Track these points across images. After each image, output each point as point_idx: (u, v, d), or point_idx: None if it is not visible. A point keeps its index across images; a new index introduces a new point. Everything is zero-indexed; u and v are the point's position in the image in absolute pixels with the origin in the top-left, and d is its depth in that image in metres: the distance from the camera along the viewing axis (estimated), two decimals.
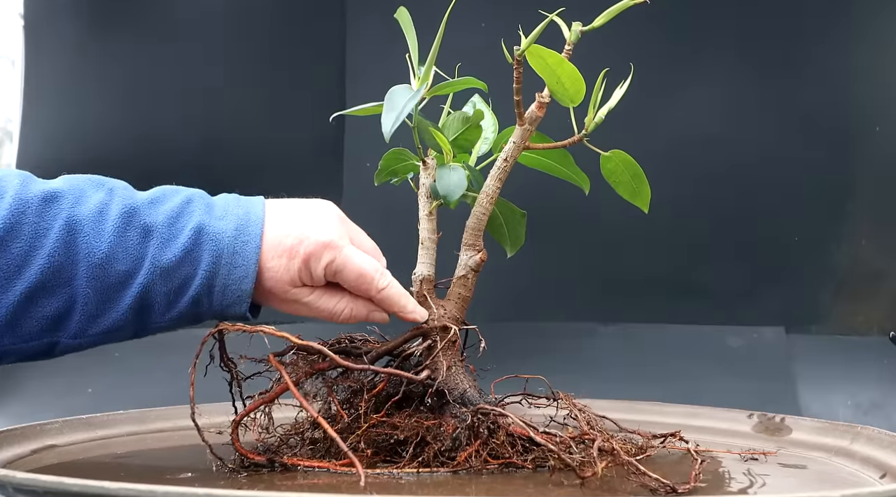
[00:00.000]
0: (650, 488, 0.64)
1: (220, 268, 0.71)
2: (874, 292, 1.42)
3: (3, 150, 3.04)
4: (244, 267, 0.72)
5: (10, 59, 1.68)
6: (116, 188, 0.73)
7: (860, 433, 0.84)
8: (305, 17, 1.48)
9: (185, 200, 0.73)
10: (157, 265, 0.70)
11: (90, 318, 0.71)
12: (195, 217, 0.72)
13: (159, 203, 0.73)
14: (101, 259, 0.69)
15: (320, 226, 0.74)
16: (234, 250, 0.72)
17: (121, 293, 0.70)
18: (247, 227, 0.73)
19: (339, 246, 0.74)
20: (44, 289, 0.69)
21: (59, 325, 0.71)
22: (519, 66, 0.72)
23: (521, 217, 0.85)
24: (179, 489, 0.51)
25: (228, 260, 0.71)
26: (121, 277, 0.70)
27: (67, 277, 0.69)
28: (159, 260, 0.70)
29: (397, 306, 0.77)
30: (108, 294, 0.70)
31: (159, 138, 1.46)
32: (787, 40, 1.42)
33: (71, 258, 0.69)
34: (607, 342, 1.43)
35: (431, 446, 0.72)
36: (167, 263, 0.70)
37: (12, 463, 0.76)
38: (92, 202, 0.71)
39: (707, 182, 1.43)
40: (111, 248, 0.70)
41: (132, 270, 0.70)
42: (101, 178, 0.74)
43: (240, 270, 0.72)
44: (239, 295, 0.72)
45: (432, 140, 0.79)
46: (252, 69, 1.48)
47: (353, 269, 0.74)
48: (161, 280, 0.71)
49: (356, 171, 1.45)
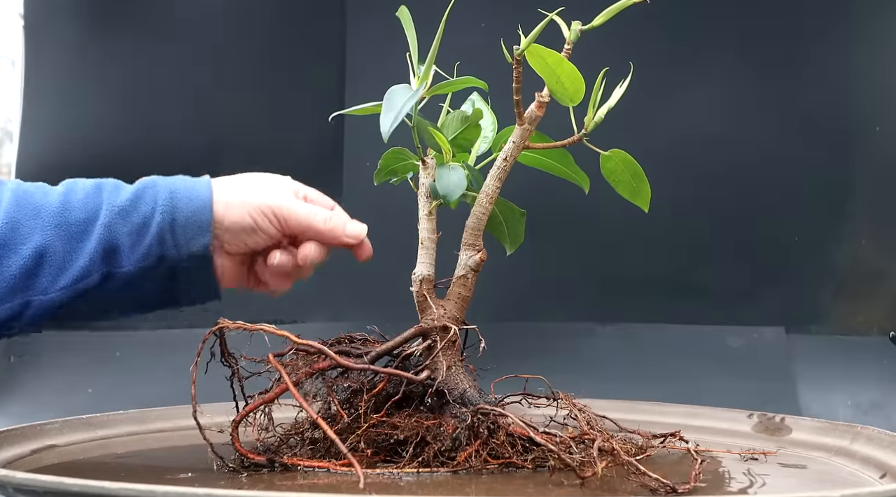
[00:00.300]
0: (650, 488, 0.64)
1: (177, 201, 0.75)
2: (874, 292, 1.42)
3: (3, 150, 3.04)
4: (200, 200, 0.76)
5: (10, 59, 1.68)
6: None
7: (860, 433, 0.84)
8: (305, 17, 1.48)
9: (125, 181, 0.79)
10: (114, 206, 0.74)
11: (57, 269, 0.73)
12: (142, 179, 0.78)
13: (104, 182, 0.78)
14: (57, 209, 0.73)
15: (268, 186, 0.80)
16: (188, 185, 0.77)
17: (84, 239, 0.73)
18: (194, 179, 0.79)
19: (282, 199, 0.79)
20: (5, 246, 0.72)
21: (28, 282, 0.72)
22: (518, 66, 0.72)
23: (520, 216, 0.85)
24: (179, 489, 0.51)
25: (185, 194, 0.76)
26: (81, 225, 0.74)
27: (27, 232, 0.72)
28: (114, 202, 0.75)
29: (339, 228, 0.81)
30: (71, 242, 0.73)
31: (159, 138, 1.46)
32: (787, 40, 1.42)
33: (27, 213, 0.73)
34: (607, 342, 1.43)
35: (431, 446, 0.72)
36: (123, 203, 0.75)
37: (12, 463, 0.76)
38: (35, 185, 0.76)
39: (707, 182, 1.43)
40: (65, 200, 0.74)
41: (91, 217, 0.74)
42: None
43: (197, 202, 0.76)
44: (200, 225, 0.75)
45: (431, 139, 0.79)
46: (252, 69, 1.48)
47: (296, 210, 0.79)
48: (120, 220, 0.74)
49: (356, 171, 1.45)
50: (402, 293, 0.81)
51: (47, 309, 0.74)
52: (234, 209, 0.77)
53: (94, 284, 0.74)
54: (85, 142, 1.44)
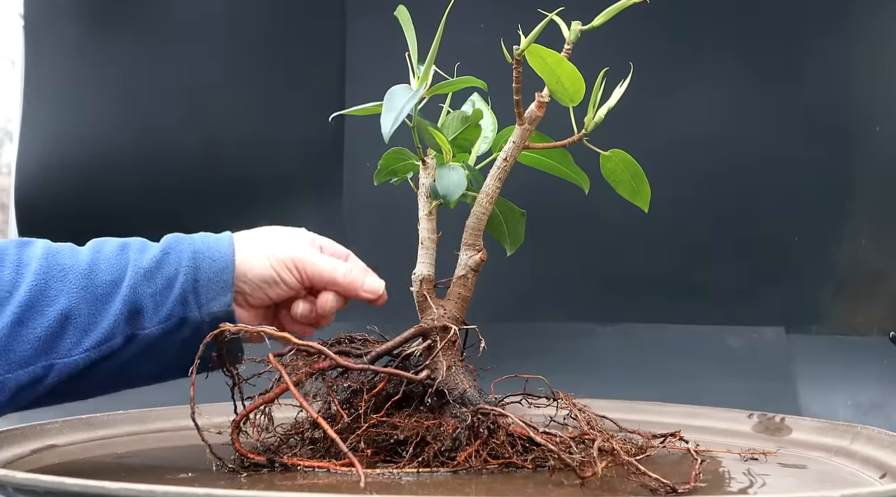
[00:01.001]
0: (650, 488, 0.64)
1: (200, 262, 0.75)
2: (874, 292, 1.42)
3: (3, 150, 3.04)
4: (223, 259, 0.76)
5: (10, 59, 1.68)
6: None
7: (860, 433, 0.84)
8: (305, 17, 1.48)
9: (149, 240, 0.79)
10: (139, 267, 0.74)
11: (82, 331, 0.73)
12: (166, 237, 0.78)
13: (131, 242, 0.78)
14: (84, 271, 0.73)
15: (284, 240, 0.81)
16: (209, 245, 0.77)
17: (109, 301, 0.73)
18: (216, 236, 0.79)
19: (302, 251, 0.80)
20: (32, 309, 0.72)
21: (53, 344, 0.72)
22: (518, 66, 0.72)
23: (520, 216, 0.85)
24: (179, 489, 0.51)
25: (207, 254, 0.76)
26: (107, 287, 0.74)
27: (54, 295, 0.72)
28: (140, 263, 0.75)
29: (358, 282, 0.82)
30: (96, 304, 0.73)
31: (159, 138, 1.46)
32: (787, 40, 1.42)
33: (55, 275, 0.73)
34: (607, 342, 1.43)
35: (431, 446, 0.72)
36: (148, 265, 0.75)
37: (12, 463, 0.76)
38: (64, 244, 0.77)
39: (707, 182, 1.43)
40: (93, 261, 0.74)
41: (117, 279, 0.74)
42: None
43: (219, 262, 0.76)
44: (222, 286, 0.76)
45: (432, 140, 0.79)
46: (252, 69, 1.48)
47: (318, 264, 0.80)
48: (145, 281, 0.74)
49: (356, 171, 1.45)
50: (402, 293, 0.81)
51: (70, 372, 0.73)
52: (256, 263, 0.78)
53: (117, 347, 0.74)
54: (84, 141, 1.45)
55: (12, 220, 1.45)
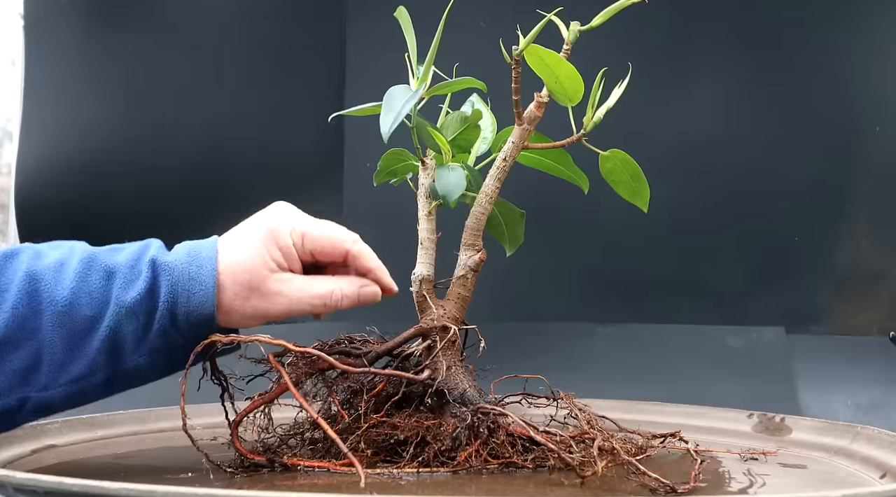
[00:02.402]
0: (650, 488, 0.64)
1: (178, 296, 0.70)
2: (874, 292, 1.42)
3: (3, 149, 3.04)
4: (202, 292, 0.70)
5: (10, 59, 1.68)
6: (75, 245, 0.73)
7: (860, 433, 0.84)
8: (305, 18, 1.48)
9: (143, 245, 0.73)
10: (122, 305, 0.69)
11: (59, 366, 0.69)
12: (150, 253, 0.72)
13: (119, 250, 0.73)
14: (64, 306, 0.69)
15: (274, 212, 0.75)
16: (189, 276, 0.70)
17: (88, 338, 0.69)
18: (199, 253, 0.71)
19: (296, 216, 0.74)
20: (9, 342, 0.68)
21: (28, 378, 0.69)
22: (517, 66, 0.72)
23: (520, 217, 0.85)
24: (179, 489, 0.51)
25: (185, 286, 0.70)
26: (86, 322, 0.69)
27: (32, 328, 0.68)
28: (123, 300, 0.69)
29: (373, 261, 0.76)
30: (74, 340, 0.69)
31: (159, 138, 1.46)
32: (787, 40, 1.42)
33: (34, 308, 0.69)
34: (607, 342, 1.43)
35: (431, 446, 0.72)
36: (131, 302, 0.69)
37: (12, 463, 0.76)
38: (53, 256, 0.71)
39: (707, 182, 1.43)
40: (74, 293, 0.69)
41: (97, 314, 0.69)
42: (58, 242, 0.74)
43: (198, 296, 0.70)
44: (202, 320, 0.70)
45: (431, 140, 0.79)
46: (252, 69, 1.48)
47: (320, 230, 0.74)
48: (126, 319, 0.70)
49: (356, 171, 1.45)
50: (401, 293, 0.81)
51: (47, 405, 0.71)
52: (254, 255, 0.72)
53: (97, 383, 0.71)
54: (85, 141, 1.45)
55: (12, 220, 1.45)
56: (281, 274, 0.73)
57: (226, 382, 0.75)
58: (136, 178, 1.46)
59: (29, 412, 0.71)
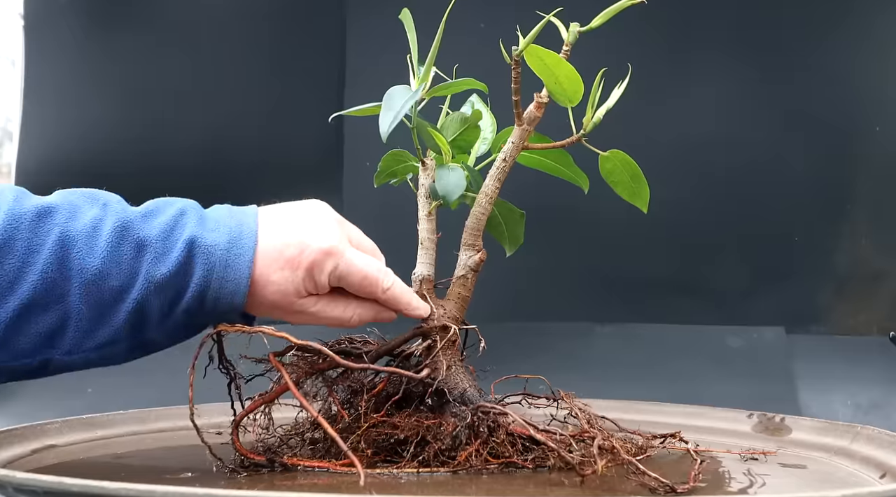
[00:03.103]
0: (650, 488, 0.64)
1: (210, 281, 0.70)
2: (874, 292, 1.42)
3: (3, 149, 3.04)
4: (235, 281, 0.70)
5: (10, 59, 1.68)
6: (111, 202, 0.72)
7: (860, 433, 0.84)
8: (305, 17, 1.48)
9: (178, 213, 0.72)
10: (151, 280, 0.69)
11: (84, 333, 0.69)
12: (188, 229, 0.71)
13: (153, 216, 0.72)
14: (94, 275, 0.68)
15: (319, 231, 0.73)
16: (227, 263, 0.70)
17: (115, 308, 0.69)
18: (239, 239, 0.71)
19: (340, 251, 0.73)
20: (37, 305, 0.68)
21: (53, 341, 0.69)
22: (517, 67, 0.72)
23: (519, 217, 0.85)
24: (179, 489, 0.51)
25: (220, 273, 0.70)
26: (114, 293, 0.69)
27: (60, 293, 0.68)
28: (153, 275, 0.69)
29: (402, 303, 0.76)
30: (101, 309, 0.69)
31: (159, 138, 1.46)
32: (787, 40, 1.42)
33: (64, 274, 0.68)
34: (607, 342, 1.43)
35: (432, 446, 0.72)
36: (161, 278, 0.69)
37: (12, 463, 0.76)
38: (86, 217, 0.70)
39: (707, 182, 1.44)
40: (104, 263, 0.69)
41: (126, 286, 0.69)
42: (95, 192, 0.73)
43: (231, 285, 0.70)
44: (229, 309, 0.71)
45: (431, 141, 0.79)
46: (252, 69, 1.48)
47: (357, 273, 0.73)
48: (155, 294, 0.69)
49: (356, 171, 1.45)
50: None
51: (67, 367, 0.71)
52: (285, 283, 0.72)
53: (119, 351, 0.72)
54: (85, 141, 1.45)
55: None
56: (306, 299, 0.74)
57: (234, 371, 0.75)
58: (136, 179, 1.45)
59: (49, 372, 0.71)
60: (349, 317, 0.75)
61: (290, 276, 0.72)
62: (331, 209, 0.76)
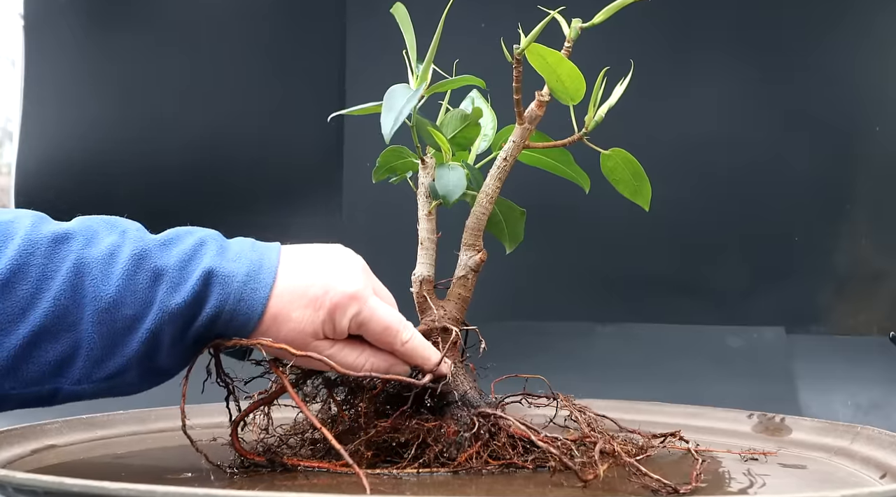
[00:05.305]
0: (651, 489, 0.64)
1: (223, 312, 0.68)
2: (874, 292, 1.42)
3: (3, 149, 3.04)
4: (247, 314, 0.68)
5: (10, 59, 1.68)
6: (129, 230, 0.70)
7: (860, 433, 0.84)
8: (305, 18, 1.48)
9: (197, 242, 0.70)
10: (165, 310, 0.67)
11: (95, 362, 0.67)
12: (206, 260, 0.69)
13: (172, 245, 0.70)
14: (108, 303, 0.66)
15: (346, 275, 0.71)
16: (241, 296, 0.68)
17: (127, 338, 0.67)
18: (259, 273, 0.69)
19: (364, 297, 0.71)
20: (48, 333, 0.66)
21: (63, 370, 0.67)
22: (518, 65, 0.72)
23: (520, 215, 0.85)
24: (179, 489, 0.51)
25: (233, 305, 0.68)
26: (127, 322, 0.67)
27: (72, 321, 0.66)
28: (167, 304, 0.67)
29: (420, 359, 0.74)
30: (113, 338, 0.67)
31: (159, 138, 1.46)
32: (787, 40, 1.42)
33: (77, 302, 0.66)
34: (607, 342, 1.43)
35: (432, 448, 0.72)
36: (175, 308, 0.67)
37: (12, 463, 0.75)
38: (103, 244, 0.68)
39: (707, 181, 1.44)
40: (119, 292, 0.67)
41: (139, 315, 0.67)
42: (115, 220, 0.71)
43: (242, 317, 0.68)
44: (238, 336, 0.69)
45: (431, 138, 0.78)
46: (252, 69, 1.48)
47: (379, 321, 0.72)
48: (168, 323, 0.67)
49: (356, 171, 1.45)
50: (401, 294, 0.80)
51: (76, 397, 0.69)
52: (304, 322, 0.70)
53: (128, 381, 0.69)
54: (85, 141, 1.45)
55: None
56: (321, 342, 0.72)
57: (232, 385, 0.75)
58: (136, 178, 1.46)
59: (58, 401, 0.69)
60: (361, 364, 0.73)
61: (311, 315, 0.70)
62: (356, 255, 0.75)
